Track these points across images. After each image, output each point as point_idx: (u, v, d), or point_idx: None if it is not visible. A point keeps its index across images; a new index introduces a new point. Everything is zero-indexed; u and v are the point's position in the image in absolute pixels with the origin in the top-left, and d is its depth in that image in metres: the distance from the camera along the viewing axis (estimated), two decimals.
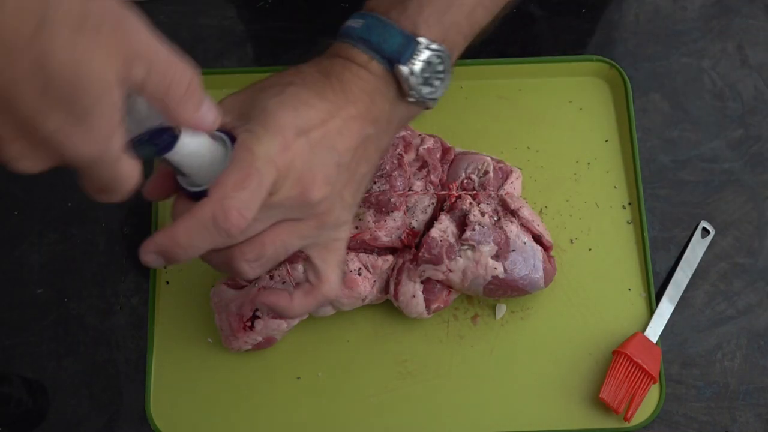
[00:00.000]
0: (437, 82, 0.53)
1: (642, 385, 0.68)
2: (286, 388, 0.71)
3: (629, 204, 0.76)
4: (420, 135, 0.72)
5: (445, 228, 0.67)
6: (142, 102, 0.43)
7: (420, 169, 0.71)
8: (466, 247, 0.67)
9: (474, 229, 0.67)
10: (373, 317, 0.72)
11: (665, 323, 0.72)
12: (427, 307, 0.69)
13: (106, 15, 0.38)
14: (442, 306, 0.70)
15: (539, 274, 0.68)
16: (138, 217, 0.76)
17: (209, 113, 0.45)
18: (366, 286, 0.68)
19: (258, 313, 0.67)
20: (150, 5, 0.81)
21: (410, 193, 0.69)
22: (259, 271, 0.50)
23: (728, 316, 0.74)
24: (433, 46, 0.51)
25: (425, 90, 0.52)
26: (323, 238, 0.52)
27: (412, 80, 0.51)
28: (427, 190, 0.70)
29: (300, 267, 0.67)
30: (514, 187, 0.72)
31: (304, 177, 0.48)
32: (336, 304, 0.68)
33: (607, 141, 0.78)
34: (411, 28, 0.51)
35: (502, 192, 0.71)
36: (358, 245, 0.68)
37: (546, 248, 0.71)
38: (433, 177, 0.71)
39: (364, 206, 0.68)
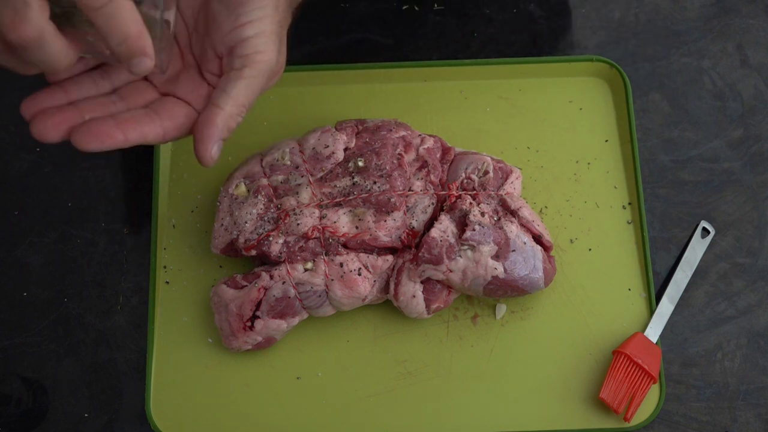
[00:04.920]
0: None
1: (642, 385, 0.68)
2: (286, 388, 0.71)
3: (629, 204, 0.76)
4: (420, 135, 0.72)
5: (445, 228, 0.67)
6: None
7: (420, 169, 0.71)
8: (466, 247, 0.67)
9: (474, 229, 0.67)
10: (373, 317, 0.72)
11: (665, 323, 0.72)
12: (427, 307, 0.69)
13: None
14: (442, 306, 0.70)
15: (539, 274, 0.68)
16: (138, 217, 0.76)
17: None
18: (366, 286, 0.68)
19: (258, 313, 0.67)
20: None
21: (410, 193, 0.69)
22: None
23: (728, 316, 0.74)
24: None
25: None
26: None
27: None
28: (427, 190, 0.70)
29: (300, 267, 0.67)
30: (514, 187, 0.72)
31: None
32: (336, 304, 0.68)
33: (607, 141, 0.78)
34: None
35: (502, 192, 0.71)
36: (358, 245, 0.68)
37: (546, 248, 0.71)
38: (433, 177, 0.71)
39: (364, 206, 0.68)
